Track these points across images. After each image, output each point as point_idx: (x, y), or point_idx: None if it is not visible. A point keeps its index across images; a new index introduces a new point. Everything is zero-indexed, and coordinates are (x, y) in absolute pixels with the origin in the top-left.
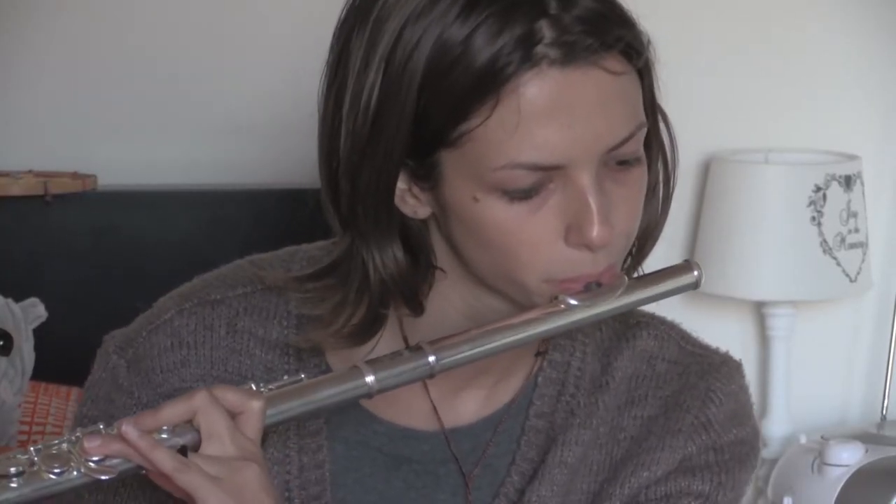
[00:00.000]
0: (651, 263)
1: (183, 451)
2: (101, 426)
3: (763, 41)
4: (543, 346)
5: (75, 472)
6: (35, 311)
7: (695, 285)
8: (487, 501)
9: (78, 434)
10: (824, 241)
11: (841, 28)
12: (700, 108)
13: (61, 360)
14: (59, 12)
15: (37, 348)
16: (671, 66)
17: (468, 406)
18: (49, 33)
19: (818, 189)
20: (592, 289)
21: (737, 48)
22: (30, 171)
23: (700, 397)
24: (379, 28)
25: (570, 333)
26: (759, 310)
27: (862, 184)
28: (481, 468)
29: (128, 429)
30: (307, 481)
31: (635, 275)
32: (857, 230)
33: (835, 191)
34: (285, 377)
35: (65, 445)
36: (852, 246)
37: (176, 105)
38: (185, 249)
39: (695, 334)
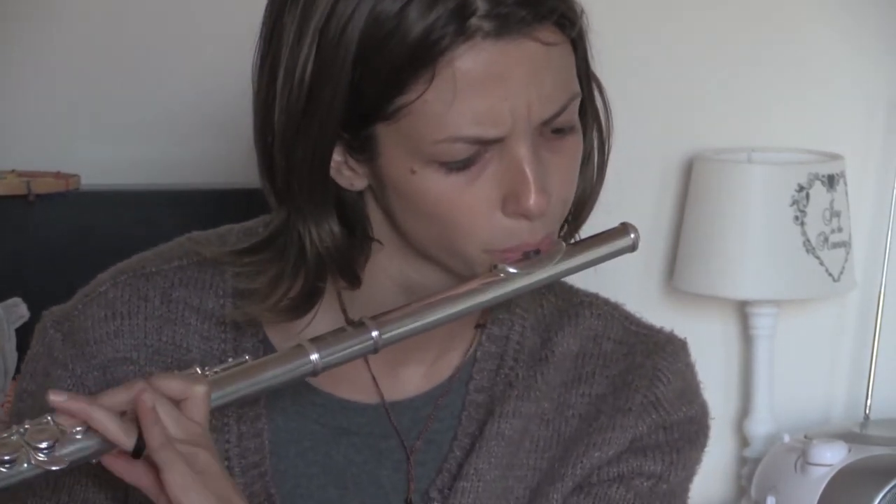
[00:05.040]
0: (636, 258)
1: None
2: (49, 417)
3: (746, 41)
4: (482, 320)
5: (25, 465)
6: (17, 310)
7: (632, 248)
8: (431, 477)
9: (27, 426)
10: (807, 240)
11: (824, 28)
12: (683, 107)
13: None
14: (40, 14)
15: (19, 348)
16: (655, 65)
17: (409, 381)
18: (30, 35)
19: (801, 188)
20: (531, 257)
21: (720, 48)
22: (12, 171)
23: (647, 376)
24: (312, 1)
25: (509, 308)
26: (743, 309)
27: (845, 183)
28: (424, 443)
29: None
30: (246, 450)
31: (572, 241)
32: (840, 230)
33: (818, 190)
34: (230, 359)
35: (14, 437)
36: (835, 245)
37: (159, 105)
38: None
39: (638, 315)
